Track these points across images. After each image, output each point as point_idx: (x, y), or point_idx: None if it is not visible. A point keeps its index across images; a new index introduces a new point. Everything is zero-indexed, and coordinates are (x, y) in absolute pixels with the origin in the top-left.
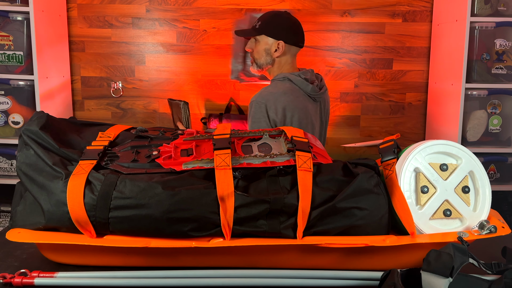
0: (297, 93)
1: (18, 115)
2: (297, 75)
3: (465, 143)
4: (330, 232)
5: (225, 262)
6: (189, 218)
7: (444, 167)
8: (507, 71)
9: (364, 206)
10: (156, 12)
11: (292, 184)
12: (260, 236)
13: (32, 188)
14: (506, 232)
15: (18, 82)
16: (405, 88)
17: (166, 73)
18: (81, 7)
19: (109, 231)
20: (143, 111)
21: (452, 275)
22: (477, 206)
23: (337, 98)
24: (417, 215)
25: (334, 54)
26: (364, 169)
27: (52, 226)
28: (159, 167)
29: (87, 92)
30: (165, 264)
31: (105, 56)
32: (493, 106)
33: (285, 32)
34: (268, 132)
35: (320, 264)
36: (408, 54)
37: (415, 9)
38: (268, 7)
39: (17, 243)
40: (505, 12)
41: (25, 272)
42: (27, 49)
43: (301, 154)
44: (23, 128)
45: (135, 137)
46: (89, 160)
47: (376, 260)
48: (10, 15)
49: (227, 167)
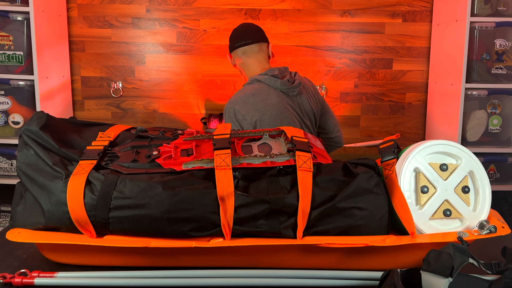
0: (267, 91)
1: (18, 115)
2: (264, 74)
3: (465, 143)
4: (330, 232)
5: (225, 262)
6: (189, 218)
7: (444, 167)
8: (507, 71)
9: (364, 206)
10: (156, 12)
11: (292, 184)
12: (260, 236)
13: (32, 188)
14: (506, 232)
15: (18, 82)
16: (405, 88)
17: (166, 73)
18: (81, 7)
19: (109, 231)
20: (143, 111)
21: (452, 275)
22: (477, 206)
23: (337, 98)
24: (417, 215)
25: (334, 54)
26: (364, 169)
27: (52, 226)
28: (159, 167)
29: (87, 92)
30: (165, 264)
31: (105, 56)
32: (493, 106)
33: (229, 44)
34: (268, 132)
35: (320, 264)
36: (408, 54)
37: (415, 9)
38: (268, 7)
39: (17, 243)
40: (505, 12)
41: (25, 272)
42: (27, 49)
43: (301, 154)
44: (23, 128)
45: (135, 137)
46: (89, 160)
47: (376, 260)
48: (10, 15)
49: (227, 167)
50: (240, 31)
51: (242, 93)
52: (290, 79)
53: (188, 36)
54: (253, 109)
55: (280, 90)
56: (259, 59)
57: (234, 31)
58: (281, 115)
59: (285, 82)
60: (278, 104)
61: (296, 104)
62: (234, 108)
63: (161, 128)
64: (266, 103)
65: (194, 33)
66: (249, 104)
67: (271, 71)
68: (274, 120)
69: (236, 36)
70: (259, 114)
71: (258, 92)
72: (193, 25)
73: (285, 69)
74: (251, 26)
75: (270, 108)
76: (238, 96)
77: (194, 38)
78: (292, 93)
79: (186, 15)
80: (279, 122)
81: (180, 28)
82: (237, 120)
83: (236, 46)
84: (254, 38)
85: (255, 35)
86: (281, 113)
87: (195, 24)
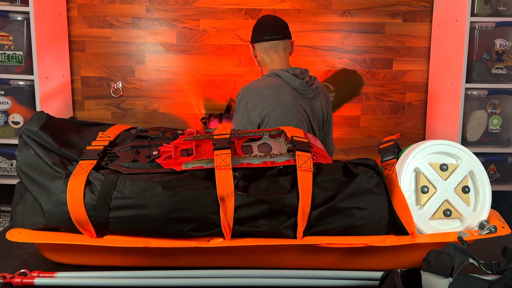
0: (283, 88)
1: (18, 115)
2: (286, 71)
3: (465, 143)
4: (330, 232)
5: (225, 262)
6: (189, 218)
7: (444, 167)
8: (507, 71)
9: (364, 206)
10: (156, 12)
11: (292, 184)
12: (260, 236)
13: (32, 188)
14: (506, 232)
15: (18, 82)
16: (405, 88)
17: (166, 73)
18: (81, 7)
19: (109, 231)
20: (143, 111)
21: (452, 275)
22: (477, 206)
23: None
24: (417, 215)
25: (334, 54)
26: (364, 169)
27: (52, 226)
28: (159, 167)
29: (87, 92)
30: (165, 264)
31: (105, 56)
32: (493, 106)
33: (252, 35)
34: (268, 132)
35: (320, 264)
36: (408, 54)
37: (415, 9)
38: (268, 7)
39: (17, 243)
40: (505, 12)
41: (25, 272)
42: (27, 49)
43: (301, 154)
44: (23, 128)
45: (135, 137)
46: (89, 160)
47: (376, 260)
48: (10, 15)
49: (227, 167)
50: (271, 25)
51: (259, 83)
52: (309, 81)
53: (188, 36)
54: (265, 102)
55: (297, 90)
56: (283, 57)
57: (262, 22)
58: (291, 115)
59: (304, 83)
60: (290, 103)
61: (309, 107)
62: (248, 96)
63: (161, 128)
64: (279, 99)
65: (194, 33)
66: (263, 96)
67: (293, 70)
68: (282, 118)
69: (265, 28)
70: (269, 108)
71: (274, 87)
72: (193, 25)
73: (306, 71)
74: (280, 21)
75: (282, 105)
76: (254, 85)
77: (194, 38)
78: (308, 95)
79: (186, 15)
80: (287, 121)
81: (180, 28)
82: (247, 109)
83: (264, 39)
84: (284, 34)
85: (284, 32)
86: (291, 112)
87: (195, 24)
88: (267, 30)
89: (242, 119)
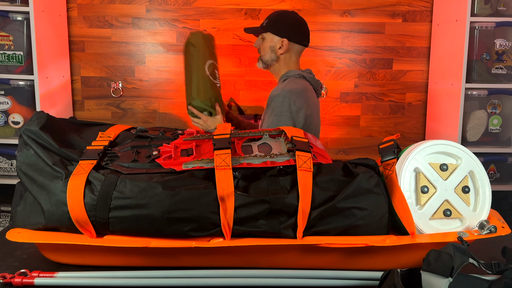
0: (312, 90)
1: (18, 115)
2: (309, 73)
3: (465, 143)
4: (330, 232)
5: (225, 262)
6: (189, 218)
7: (444, 167)
8: (507, 71)
9: (364, 206)
10: (156, 12)
11: (292, 184)
12: (260, 236)
13: (32, 188)
14: (506, 232)
15: (18, 82)
16: (405, 88)
17: (166, 73)
18: (81, 7)
19: (109, 231)
20: (143, 111)
21: (452, 275)
22: (477, 206)
23: (337, 98)
24: (417, 215)
25: (334, 54)
26: (364, 169)
27: (52, 226)
28: (159, 167)
29: (87, 92)
30: (165, 264)
31: (105, 56)
32: (493, 106)
33: (289, 30)
34: (268, 132)
35: (320, 264)
36: (408, 54)
37: (415, 9)
38: (268, 7)
39: (17, 243)
40: (505, 12)
41: (25, 272)
42: (27, 49)
43: (301, 154)
44: (23, 128)
45: (135, 137)
46: (89, 160)
47: (376, 260)
48: (10, 15)
49: (227, 167)
50: (305, 30)
51: (295, 85)
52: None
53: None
54: (306, 104)
55: (316, 90)
56: (298, 61)
57: (305, 27)
58: (317, 117)
59: (321, 83)
60: (318, 104)
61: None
62: (290, 98)
63: (161, 128)
64: (313, 100)
65: None
66: (304, 97)
67: (309, 72)
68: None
69: (304, 32)
70: (310, 110)
71: (308, 89)
72: (193, 25)
73: None
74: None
75: (316, 106)
76: (291, 87)
77: None
78: (319, 95)
79: (186, 15)
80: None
81: (180, 28)
82: (290, 111)
83: (300, 42)
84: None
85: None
86: (317, 114)
87: (195, 24)
88: (305, 35)
89: (287, 121)
